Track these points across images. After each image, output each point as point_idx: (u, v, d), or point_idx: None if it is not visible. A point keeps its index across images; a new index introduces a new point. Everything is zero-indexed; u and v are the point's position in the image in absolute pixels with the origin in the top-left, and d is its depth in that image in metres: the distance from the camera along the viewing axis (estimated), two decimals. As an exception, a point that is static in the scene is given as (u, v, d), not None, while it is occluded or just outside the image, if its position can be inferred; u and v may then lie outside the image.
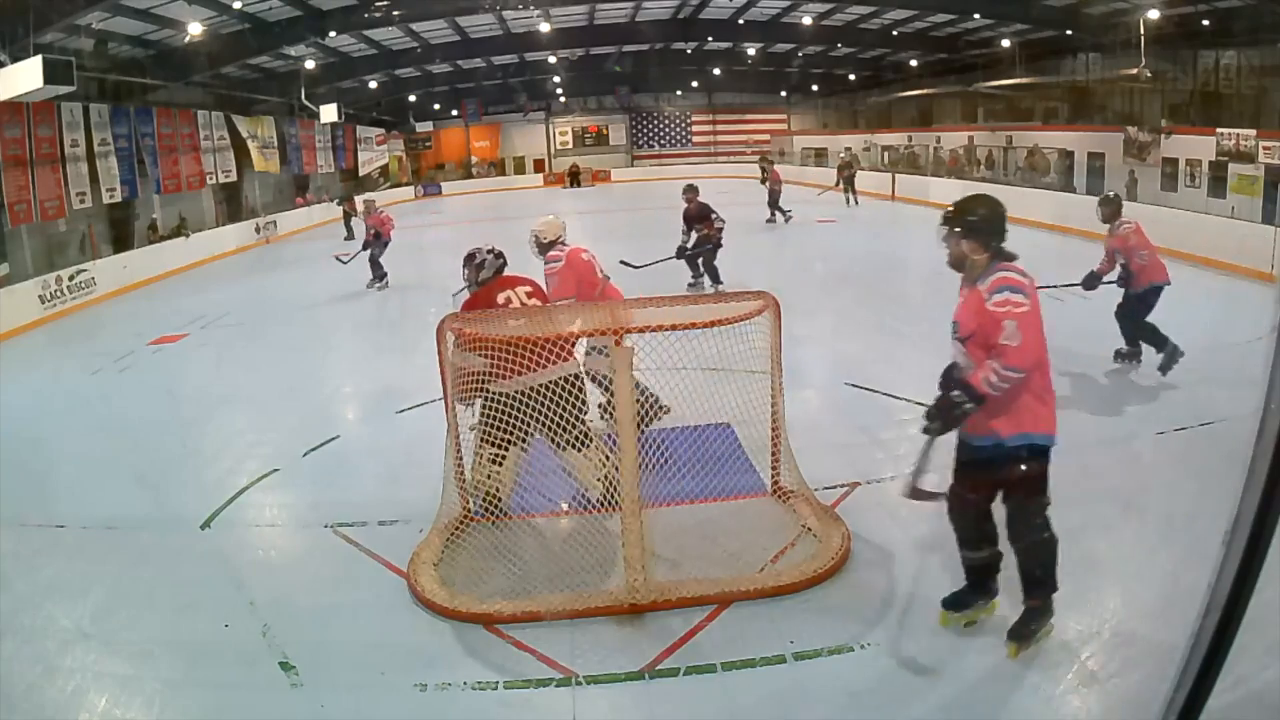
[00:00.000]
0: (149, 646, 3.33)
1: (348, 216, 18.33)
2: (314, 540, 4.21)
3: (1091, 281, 6.59)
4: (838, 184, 19.25)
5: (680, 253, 9.75)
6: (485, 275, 4.36)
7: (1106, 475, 4.57)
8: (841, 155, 21.00)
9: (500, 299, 4.25)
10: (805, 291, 9.81)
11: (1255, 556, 0.99)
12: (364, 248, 12.15)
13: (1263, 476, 0.96)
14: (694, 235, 9.73)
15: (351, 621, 3.44)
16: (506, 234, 10.69)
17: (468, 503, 4.11)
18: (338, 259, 12.42)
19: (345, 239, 17.33)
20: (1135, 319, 6.34)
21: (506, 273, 4.41)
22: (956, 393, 3.00)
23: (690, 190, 9.97)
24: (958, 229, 3.07)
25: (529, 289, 4.34)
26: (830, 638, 3.13)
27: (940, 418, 3.01)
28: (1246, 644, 1.05)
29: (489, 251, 4.41)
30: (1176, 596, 3.07)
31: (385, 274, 11.96)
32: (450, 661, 3.14)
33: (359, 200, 14.84)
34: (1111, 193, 7.13)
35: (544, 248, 5.17)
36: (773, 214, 16.35)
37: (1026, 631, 3.00)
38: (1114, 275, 6.47)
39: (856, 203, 18.87)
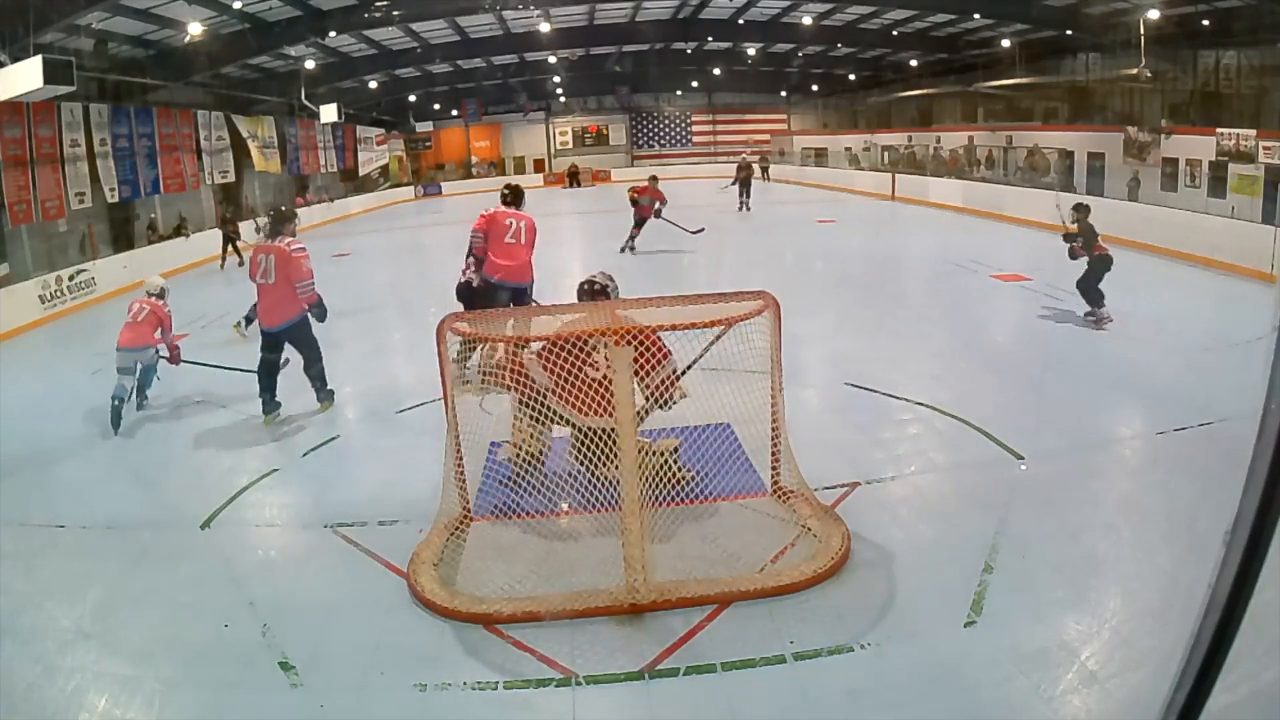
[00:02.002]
0: (149, 646, 3.33)
1: (231, 240, 15.33)
2: (314, 540, 4.21)
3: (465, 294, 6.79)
4: (739, 185, 19.30)
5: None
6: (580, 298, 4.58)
7: (1106, 475, 4.57)
8: (743, 158, 21.52)
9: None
10: (805, 291, 9.82)
11: (1255, 556, 0.99)
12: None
13: (1263, 476, 0.96)
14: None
15: (351, 621, 3.44)
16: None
17: (468, 503, 4.12)
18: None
19: (223, 263, 14.98)
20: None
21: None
22: None
23: None
24: None
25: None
26: (830, 638, 3.13)
27: None
28: (1246, 644, 1.05)
29: (598, 283, 4.61)
30: (1176, 596, 3.08)
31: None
32: (450, 661, 3.14)
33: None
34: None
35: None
36: (628, 245, 13.26)
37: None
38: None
39: (749, 208, 18.93)
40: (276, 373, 6.07)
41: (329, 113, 22.46)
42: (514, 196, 6.82)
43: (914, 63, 25.42)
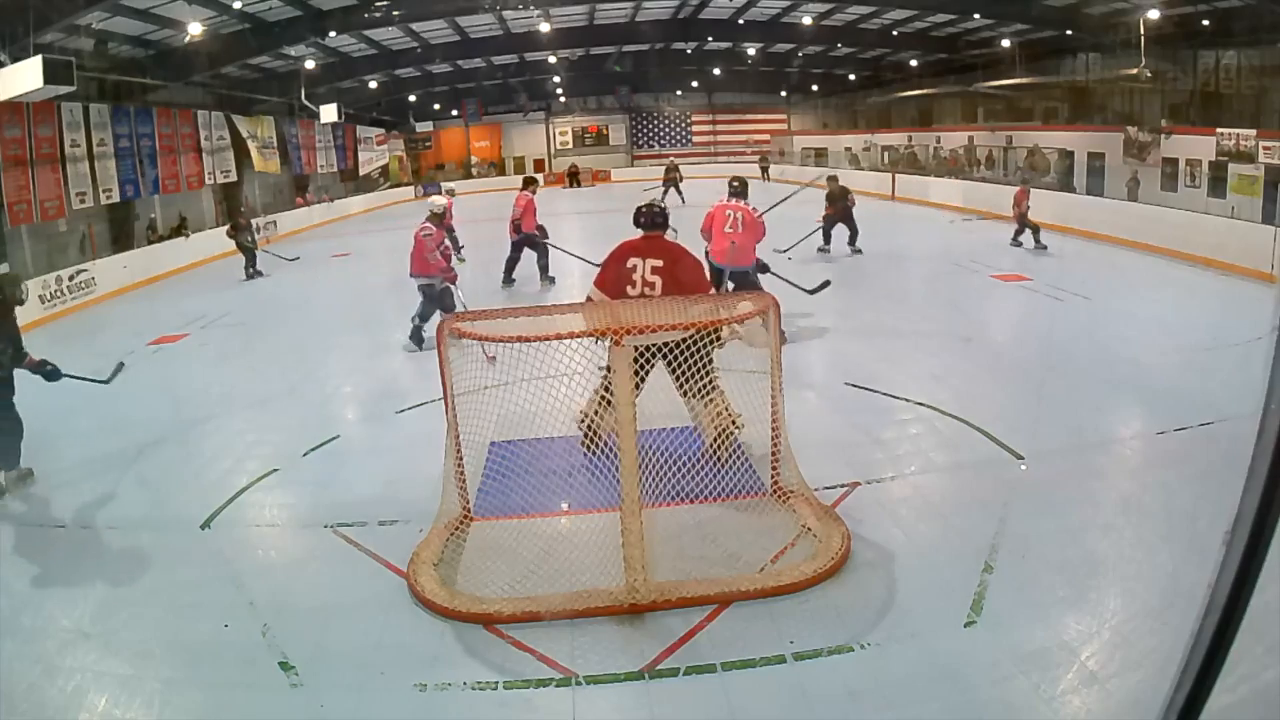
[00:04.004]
0: (149, 646, 3.33)
1: (249, 249, 13.61)
2: (314, 540, 4.21)
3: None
4: (664, 186, 20.83)
5: None
6: (636, 223, 4.84)
7: (1106, 475, 4.57)
8: (670, 161, 23.32)
9: (629, 264, 4.59)
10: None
11: (1255, 556, 0.99)
12: None
13: (1263, 476, 0.96)
14: None
15: (351, 621, 3.44)
16: (506, 233, 10.77)
17: (468, 502, 4.12)
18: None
19: (249, 275, 13.42)
20: None
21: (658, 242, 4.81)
22: None
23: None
24: None
25: (658, 263, 4.57)
26: (830, 638, 3.13)
27: None
28: (1246, 644, 1.05)
29: (648, 209, 4.90)
30: (1176, 596, 3.08)
31: None
32: (450, 661, 3.14)
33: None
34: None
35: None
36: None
37: None
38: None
39: (683, 202, 20.15)
40: None
41: (329, 113, 22.44)
42: (740, 189, 7.73)
43: (914, 63, 25.40)
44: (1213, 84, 16.78)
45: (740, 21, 23.23)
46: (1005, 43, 20.84)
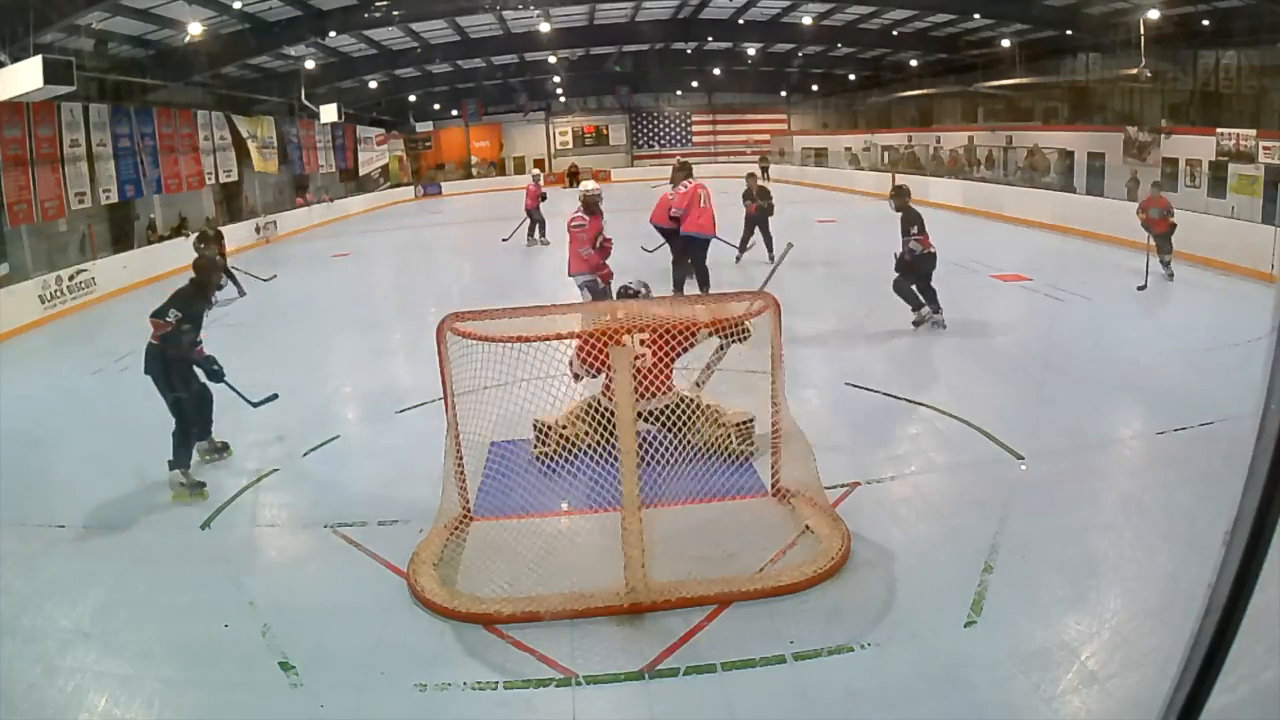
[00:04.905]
0: (149, 646, 3.33)
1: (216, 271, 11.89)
2: (314, 540, 4.21)
3: None
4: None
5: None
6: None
7: (1106, 475, 4.57)
8: (678, 159, 22.77)
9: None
10: (805, 291, 9.82)
11: (1255, 556, 0.99)
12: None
13: (1263, 476, 0.96)
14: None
15: (351, 621, 3.44)
16: (506, 234, 10.80)
17: (468, 502, 4.12)
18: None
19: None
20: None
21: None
22: None
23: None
24: None
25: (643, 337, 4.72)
26: (830, 638, 3.13)
27: None
28: (1246, 644, 1.05)
29: (631, 287, 5.24)
30: (1176, 596, 3.08)
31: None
32: (450, 661, 3.14)
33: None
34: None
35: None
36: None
37: None
38: None
39: None
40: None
41: (329, 113, 22.44)
42: (689, 171, 9.85)
43: (914, 63, 25.38)
44: (1213, 84, 16.77)
45: (740, 21, 23.21)
46: (1005, 43, 20.82)
